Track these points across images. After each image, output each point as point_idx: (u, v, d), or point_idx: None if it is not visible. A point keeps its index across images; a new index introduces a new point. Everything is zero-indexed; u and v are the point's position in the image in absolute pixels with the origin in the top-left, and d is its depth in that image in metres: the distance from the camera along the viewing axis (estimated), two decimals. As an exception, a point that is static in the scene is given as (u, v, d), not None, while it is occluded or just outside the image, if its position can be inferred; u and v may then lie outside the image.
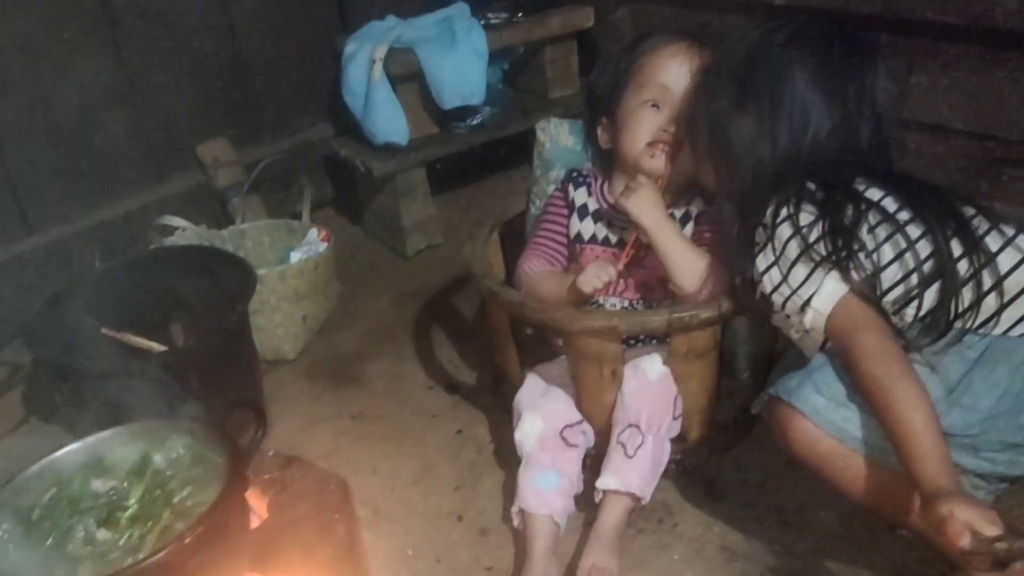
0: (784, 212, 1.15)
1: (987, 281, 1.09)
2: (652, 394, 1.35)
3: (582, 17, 2.30)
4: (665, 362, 1.37)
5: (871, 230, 1.13)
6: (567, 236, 1.51)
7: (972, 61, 1.81)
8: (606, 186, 1.50)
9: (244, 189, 2.09)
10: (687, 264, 1.33)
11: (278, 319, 1.82)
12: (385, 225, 2.25)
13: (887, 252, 1.12)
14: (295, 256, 1.93)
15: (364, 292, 2.10)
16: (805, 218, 1.14)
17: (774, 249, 1.15)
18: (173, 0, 2.06)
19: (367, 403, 1.73)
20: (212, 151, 2.17)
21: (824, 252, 1.11)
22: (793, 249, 1.14)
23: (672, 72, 1.38)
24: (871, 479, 1.11)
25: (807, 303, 1.13)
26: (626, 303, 1.45)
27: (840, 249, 1.11)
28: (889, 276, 1.12)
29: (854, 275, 1.10)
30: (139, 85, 2.06)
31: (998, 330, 1.11)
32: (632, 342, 1.43)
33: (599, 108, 1.50)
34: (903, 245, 1.11)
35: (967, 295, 1.09)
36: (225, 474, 1.09)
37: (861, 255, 1.11)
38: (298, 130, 2.34)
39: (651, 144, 1.38)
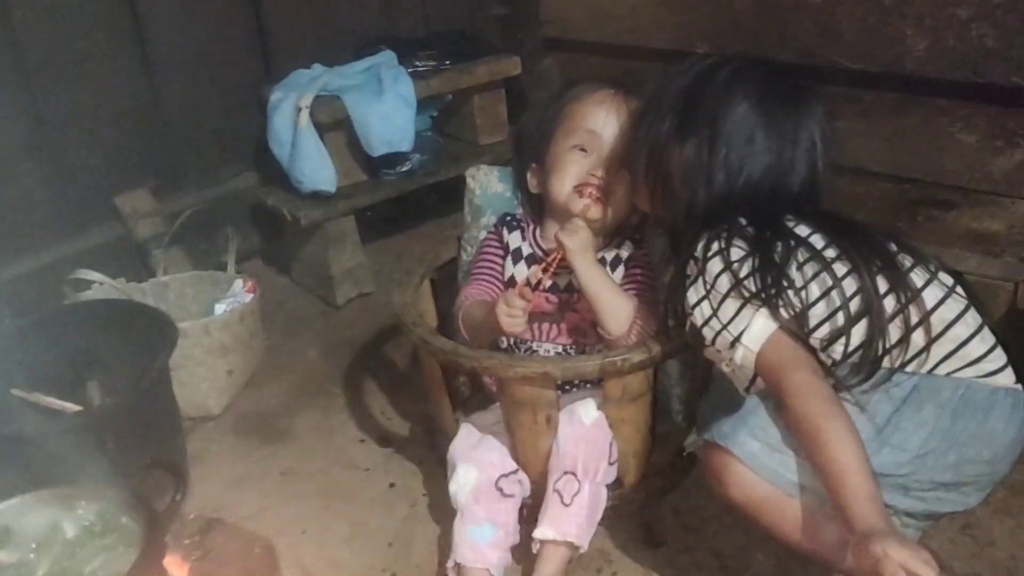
0: (715, 246, 1.15)
1: (913, 317, 1.10)
2: (587, 440, 1.33)
3: (509, 66, 2.32)
4: (599, 407, 1.35)
5: (800, 267, 1.13)
6: (503, 276, 1.49)
7: (886, 107, 1.88)
8: (538, 231, 1.50)
9: (166, 240, 2.03)
10: (614, 308, 1.33)
11: (202, 374, 1.76)
12: (314, 274, 2.21)
13: (814, 289, 1.12)
14: (220, 308, 1.87)
15: (293, 343, 2.05)
16: (736, 253, 1.14)
17: (705, 283, 1.15)
18: (89, 48, 2.01)
19: (296, 459, 1.67)
20: (131, 202, 2.11)
21: (754, 288, 1.11)
22: (724, 284, 1.13)
23: (599, 118, 1.40)
24: (807, 524, 1.09)
25: (737, 340, 1.12)
26: (559, 348, 1.44)
27: (770, 286, 1.10)
28: (817, 313, 1.12)
29: (783, 312, 1.10)
30: (53, 135, 2.00)
31: (925, 368, 1.12)
32: (567, 387, 1.42)
33: (528, 154, 1.51)
34: (829, 282, 1.12)
35: (894, 332, 1.10)
36: (140, 541, 1.04)
37: (790, 292, 1.11)
38: (223, 180, 2.29)
39: (579, 187, 1.38)
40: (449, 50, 2.31)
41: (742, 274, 1.12)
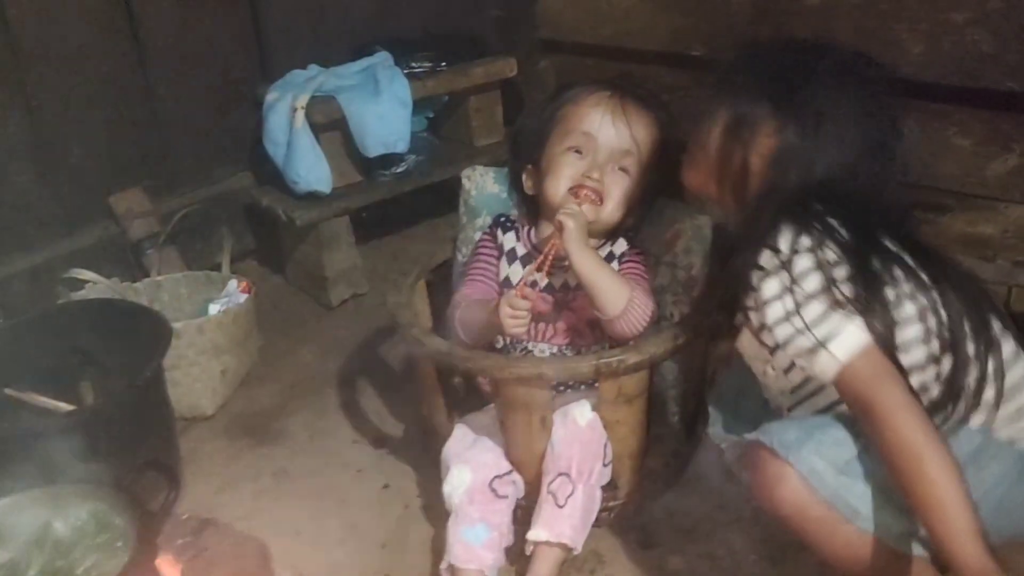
0: (807, 242, 1.04)
1: (990, 367, 1.03)
2: (582, 441, 1.33)
3: (505, 67, 2.32)
4: (594, 408, 1.35)
5: (895, 284, 1.04)
6: (498, 277, 1.49)
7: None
8: (532, 232, 1.50)
9: (160, 240, 2.03)
10: (610, 288, 1.32)
11: (196, 374, 1.75)
12: (308, 275, 2.20)
13: (909, 309, 1.04)
14: (214, 308, 1.86)
15: (287, 344, 2.04)
16: (829, 255, 1.04)
17: (790, 278, 1.03)
18: (85, 47, 2.00)
19: (289, 460, 1.67)
20: (126, 202, 2.10)
21: (849, 295, 1.01)
22: (813, 283, 1.02)
23: (595, 120, 1.40)
24: (862, 552, 1.02)
25: (821, 345, 1.01)
26: (555, 349, 1.43)
27: (866, 296, 1.01)
28: (909, 337, 1.04)
29: (878, 325, 1.01)
30: (47, 134, 1.99)
31: (990, 425, 1.06)
32: (562, 388, 1.42)
33: (524, 155, 1.51)
34: (926, 304, 1.03)
35: (971, 378, 1.03)
36: (133, 541, 1.03)
37: (885, 308, 1.02)
38: (218, 180, 2.28)
39: (574, 189, 1.38)
40: (445, 51, 2.31)
41: (836, 276, 1.02)
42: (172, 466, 1.27)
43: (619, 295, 1.32)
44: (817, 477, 1.01)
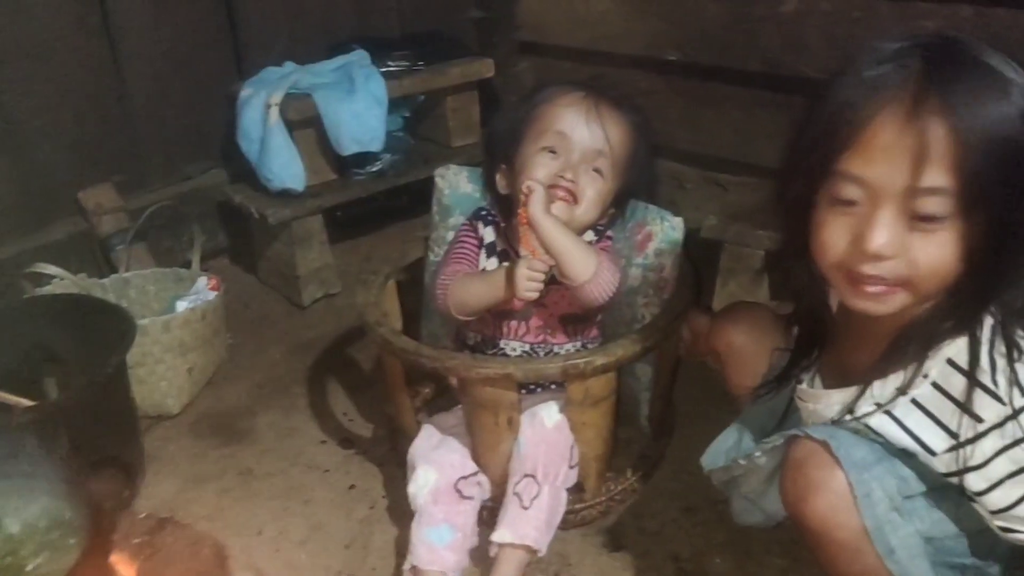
0: None
1: None
2: (548, 443, 1.32)
3: (482, 68, 2.32)
4: (562, 409, 1.35)
5: None
6: (479, 267, 1.48)
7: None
8: (507, 230, 1.49)
9: (129, 237, 2.00)
10: (578, 253, 1.30)
11: (161, 371, 1.73)
12: (280, 274, 2.18)
13: None
14: (181, 305, 1.84)
15: (256, 343, 2.02)
16: None
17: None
18: (55, 41, 1.98)
19: (255, 460, 1.64)
20: (95, 197, 2.07)
21: None
22: None
23: (569, 120, 1.39)
24: None
25: None
26: (527, 347, 1.43)
27: None
28: None
29: None
30: (17, 129, 1.96)
31: None
32: (532, 388, 1.41)
33: (498, 155, 1.50)
34: None
35: None
36: (85, 539, 1.01)
37: None
38: (189, 176, 2.26)
39: (549, 189, 1.38)
40: (423, 51, 2.30)
41: None
42: (129, 464, 1.24)
43: (588, 260, 1.30)
44: (869, 503, 0.94)
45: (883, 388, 0.95)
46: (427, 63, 2.27)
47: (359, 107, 2.05)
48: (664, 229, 1.50)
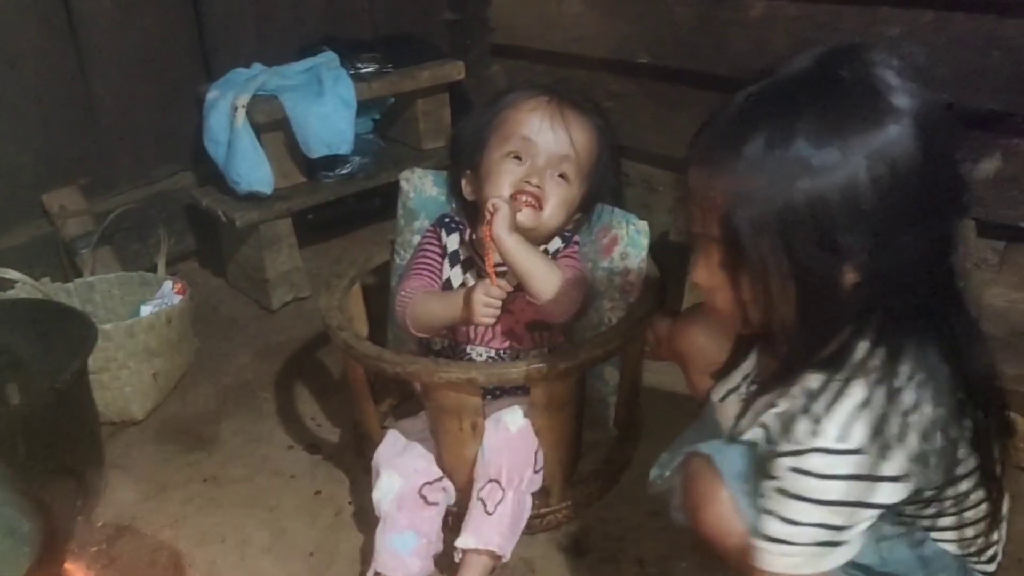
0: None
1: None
2: (512, 447, 1.32)
3: (453, 70, 2.31)
4: (526, 414, 1.34)
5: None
6: (441, 277, 1.47)
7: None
8: (473, 236, 1.49)
9: (94, 240, 1.98)
10: (541, 272, 1.30)
11: (125, 377, 1.71)
12: (249, 277, 2.16)
13: None
14: (146, 310, 1.82)
15: (224, 348, 2.00)
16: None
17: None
18: (20, 41, 1.95)
19: (220, 466, 1.63)
20: (59, 200, 2.04)
21: None
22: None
23: (534, 125, 1.39)
24: None
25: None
26: (493, 352, 1.42)
27: None
28: None
29: None
30: (-23, 130, 1.93)
31: None
32: (497, 393, 1.40)
33: (463, 160, 1.49)
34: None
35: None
36: (37, 547, 0.99)
37: None
38: (157, 179, 2.23)
39: (513, 195, 1.37)
40: (393, 53, 2.29)
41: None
42: (85, 472, 1.22)
43: (551, 279, 1.30)
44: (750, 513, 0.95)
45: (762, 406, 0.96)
46: (397, 65, 2.26)
47: (327, 109, 2.03)
48: (630, 233, 1.50)
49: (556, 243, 1.44)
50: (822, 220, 0.79)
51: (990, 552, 1.03)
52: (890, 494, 0.85)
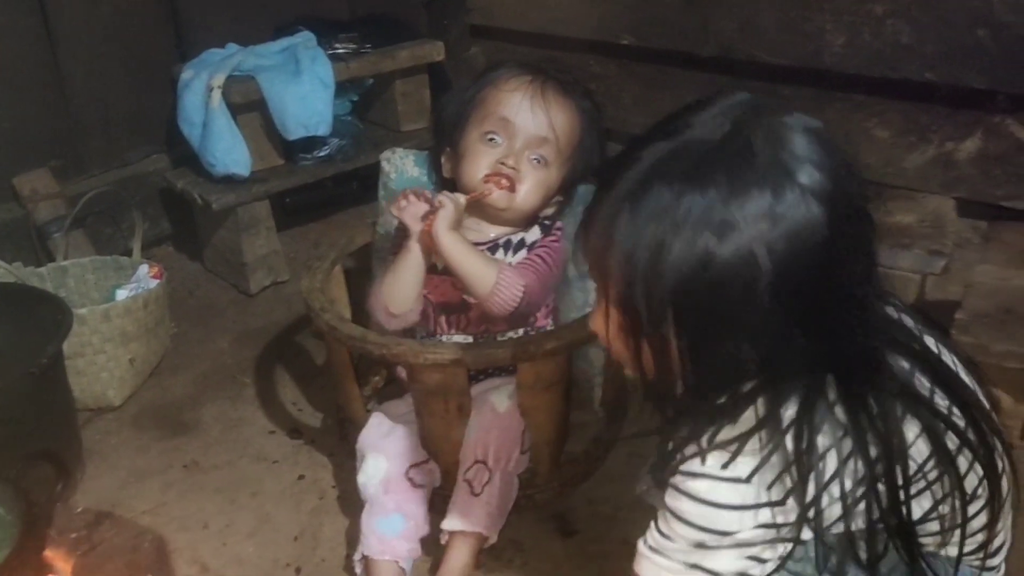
0: None
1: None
2: (499, 428, 1.31)
3: (432, 51, 2.28)
4: (512, 395, 1.33)
5: None
6: None
7: (804, 101, 1.90)
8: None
9: (67, 224, 1.93)
10: (475, 271, 1.27)
11: (102, 362, 1.67)
12: (227, 261, 2.13)
13: None
14: (121, 294, 1.78)
15: (202, 332, 1.97)
16: None
17: None
18: (-14, 20, 1.90)
19: (201, 452, 1.60)
20: (31, 183, 2.00)
21: None
22: None
23: (513, 105, 1.36)
24: None
25: None
26: (470, 338, 1.40)
27: None
28: None
29: None
30: (-54, 111, 1.88)
31: None
32: (480, 376, 1.39)
33: (443, 138, 1.47)
34: None
35: None
36: (17, 534, 0.97)
37: None
38: (130, 161, 2.19)
39: (489, 176, 1.35)
40: (371, 34, 2.25)
41: None
42: (63, 457, 1.19)
43: (485, 277, 1.27)
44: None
45: None
46: (375, 46, 2.22)
47: (305, 90, 2.00)
48: (615, 212, 1.48)
49: (536, 233, 1.42)
50: (721, 296, 0.75)
51: (995, 560, 0.94)
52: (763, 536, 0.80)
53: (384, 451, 1.34)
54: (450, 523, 1.26)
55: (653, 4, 2.06)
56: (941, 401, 0.83)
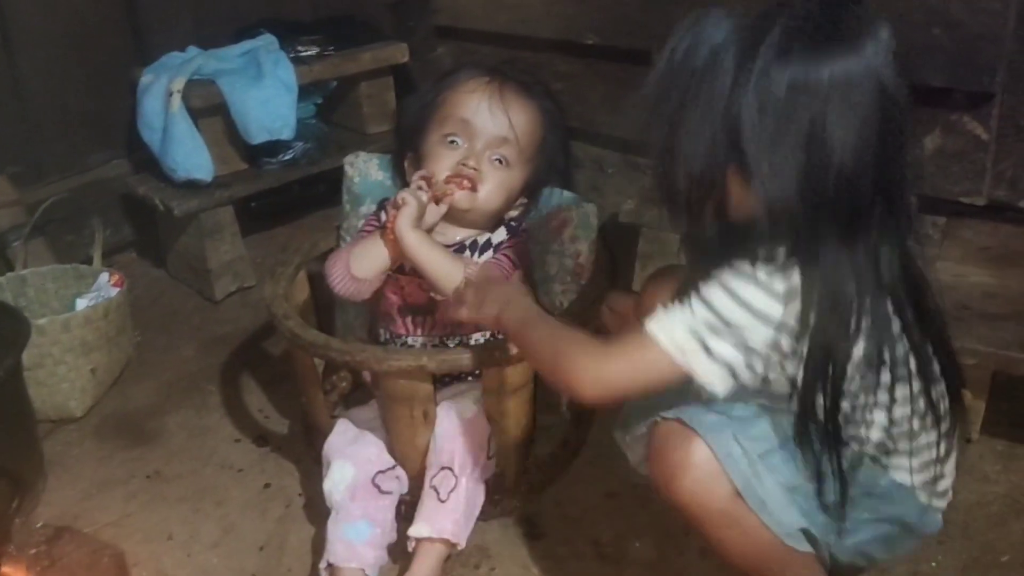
0: None
1: None
2: (465, 434, 1.30)
3: (396, 53, 2.27)
4: (478, 400, 1.33)
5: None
6: None
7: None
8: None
9: (26, 232, 1.90)
10: (441, 269, 1.27)
11: (62, 373, 1.65)
12: (191, 268, 2.10)
13: None
14: (81, 303, 1.76)
15: (166, 340, 1.94)
16: None
17: None
18: (-61, 23, 1.86)
19: (164, 461, 1.58)
20: (-13, 190, 1.96)
21: None
22: None
23: (472, 107, 1.37)
24: (758, 545, 0.98)
25: None
26: (436, 340, 1.40)
27: None
28: None
29: None
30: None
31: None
32: (446, 380, 1.38)
33: (405, 142, 1.47)
34: None
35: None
36: (-31, 553, 0.95)
37: None
38: (90, 167, 2.15)
39: (450, 177, 1.35)
40: (334, 36, 2.24)
41: None
42: (20, 472, 1.17)
43: (451, 274, 1.26)
44: (733, 462, 0.96)
45: None
46: (338, 48, 2.21)
47: (267, 94, 1.98)
48: (579, 215, 1.49)
49: (501, 234, 1.41)
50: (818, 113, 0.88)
51: (943, 484, 1.05)
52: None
53: (350, 457, 1.33)
54: (417, 530, 1.26)
55: (617, 3, 2.06)
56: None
